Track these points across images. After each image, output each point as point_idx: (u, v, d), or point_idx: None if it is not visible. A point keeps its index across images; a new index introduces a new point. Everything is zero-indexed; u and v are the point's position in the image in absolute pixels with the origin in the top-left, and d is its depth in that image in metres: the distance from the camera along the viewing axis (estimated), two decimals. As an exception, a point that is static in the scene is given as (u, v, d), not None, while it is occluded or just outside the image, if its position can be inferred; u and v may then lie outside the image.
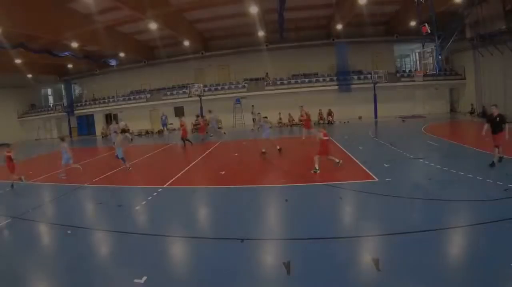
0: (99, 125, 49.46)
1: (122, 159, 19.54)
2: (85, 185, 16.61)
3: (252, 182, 15.26)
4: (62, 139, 19.37)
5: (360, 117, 41.02)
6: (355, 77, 41.34)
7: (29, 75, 50.17)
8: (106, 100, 49.21)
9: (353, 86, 40.98)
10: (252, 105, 39.89)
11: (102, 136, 45.55)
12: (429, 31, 25.99)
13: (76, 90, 54.80)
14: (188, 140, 28.06)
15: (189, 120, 42.90)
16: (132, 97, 47.91)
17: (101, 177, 17.96)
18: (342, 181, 13.63)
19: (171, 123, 42.30)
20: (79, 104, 51.77)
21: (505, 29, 27.77)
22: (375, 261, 7.06)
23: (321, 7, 36.01)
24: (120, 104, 47.78)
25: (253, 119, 38.76)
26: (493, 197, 10.46)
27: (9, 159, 16.87)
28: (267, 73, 43.97)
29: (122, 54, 42.66)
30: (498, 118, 14.21)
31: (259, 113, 25.14)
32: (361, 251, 7.91)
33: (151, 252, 8.52)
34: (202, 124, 29.45)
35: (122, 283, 7.21)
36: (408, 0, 32.06)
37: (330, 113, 39.37)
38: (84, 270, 7.77)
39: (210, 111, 31.73)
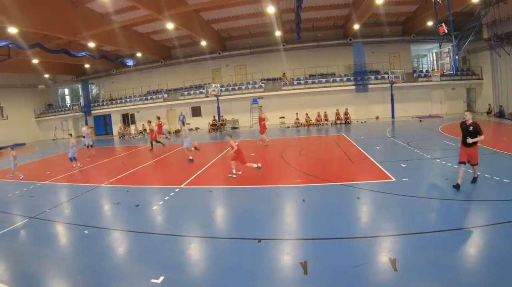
0: (116, 126, 50.23)
1: (73, 158, 21.70)
2: (102, 184, 16.98)
3: (269, 181, 15.36)
4: (12, 148, 21.14)
5: (377, 117, 41.63)
6: (372, 77, 41.70)
7: (46, 75, 51.17)
8: (123, 100, 50.18)
9: (370, 86, 41.30)
10: (260, 106, 40.23)
11: (119, 137, 45.98)
12: (446, 31, 25.91)
13: (93, 90, 55.67)
14: (158, 141, 28.82)
15: (206, 121, 43.52)
16: (149, 97, 48.80)
17: (118, 176, 18.27)
18: (359, 181, 13.77)
19: (189, 123, 42.73)
20: (96, 104, 52.81)
21: (522, 29, 27.77)
22: (392, 261, 7.17)
23: (338, 7, 36.34)
24: (137, 104, 48.77)
25: None
26: (511, 197, 10.53)
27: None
28: (284, 73, 44.58)
29: (139, 54, 43.42)
30: (472, 128, 11.61)
31: (184, 117, 25.73)
32: (378, 251, 7.99)
33: (168, 252, 8.67)
34: (158, 128, 29.49)
35: (139, 282, 7.37)
36: (425, 0, 32.11)
37: (346, 113, 39.48)
38: (102, 270, 7.99)
39: (158, 118, 31.95)
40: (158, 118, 30.16)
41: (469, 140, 11.34)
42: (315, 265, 7.34)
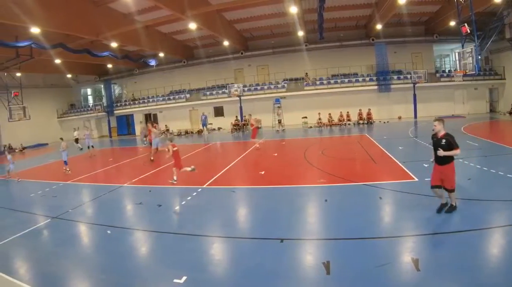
0: (139, 126, 50.12)
1: (65, 161, 22.27)
2: (125, 185, 17.34)
3: (291, 181, 15.73)
4: (9, 152, 23.70)
5: (399, 118, 42.00)
6: (395, 77, 42.19)
7: (69, 75, 52.11)
8: (146, 100, 51.43)
9: (392, 86, 41.86)
10: (278, 107, 41.50)
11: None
12: (469, 31, 25.76)
13: (116, 90, 56.91)
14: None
15: (228, 121, 43.78)
16: (171, 97, 49.93)
17: (141, 176, 18.47)
18: (382, 181, 13.94)
19: (211, 123, 42.97)
20: (118, 104, 54.08)
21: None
22: (415, 261, 7.23)
23: (360, 7, 36.77)
24: (159, 104, 49.97)
25: (278, 120, 40.63)
26: (534, 197, 10.63)
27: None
28: (306, 73, 45.30)
29: (161, 54, 44.13)
30: (444, 141, 9.51)
31: (153, 122, 26.19)
32: (401, 251, 8.07)
33: (191, 252, 8.78)
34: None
35: (161, 283, 7.50)
36: (448, 0, 31.88)
37: (369, 113, 40.14)
38: (124, 270, 8.15)
39: (141, 122, 31.74)
40: (152, 123, 30.32)
41: (441, 152, 9.33)
42: (337, 265, 7.43)
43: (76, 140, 37.30)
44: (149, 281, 7.55)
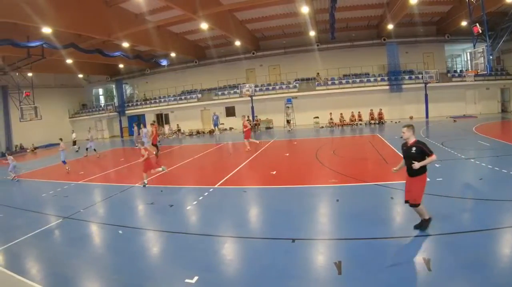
0: (149, 126, 50.36)
1: (63, 161, 23.51)
2: (136, 185, 17.35)
3: (303, 181, 15.76)
4: (9, 154, 23.80)
5: (411, 117, 41.73)
6: (406, 77, 42.02)
7: (80, 75, 52.43)
8: (157, 100, 51.62)
9: (404, 86, 41.71)
10: (287, 107, 41.75)
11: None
12: (480, 31, 25.60)
13: (127, 90, 57.19)
14: (156, 146, 27.93)
15: (240, 121, 44.01)
16: (183, 97, 50.05)
17: (151, 177, 18.39)
18: (393, 181, 13.62)
19: (223, 123, 43.00)
20: (130, 104, 54.32)
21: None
22: (427, 261, 7.23)
23: (372, 7, 36.68)
24: (171, 104, 50.08)
25: (287, 120, 40.96)
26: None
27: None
28: (318, 73, 45.30)
29: (173, 54, 44.30)
30: (415, 149, 8.54)
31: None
32: (413, 251, 8.00)
33: (202, 252, 8.82)
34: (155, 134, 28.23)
35: (173, 283, 7.57)
36: (459, 0, 31.72)
37: (380, 113, 39.87)
38: (136, 270, 8.17)
39: (136, 124, 31.72)
40: (153, 122, 30.22)
41: (416, 165, 8.28)
42: (349, 265, 7.45)
43: (74, 143, 37.67)
44: (161, 281, 7.60)
